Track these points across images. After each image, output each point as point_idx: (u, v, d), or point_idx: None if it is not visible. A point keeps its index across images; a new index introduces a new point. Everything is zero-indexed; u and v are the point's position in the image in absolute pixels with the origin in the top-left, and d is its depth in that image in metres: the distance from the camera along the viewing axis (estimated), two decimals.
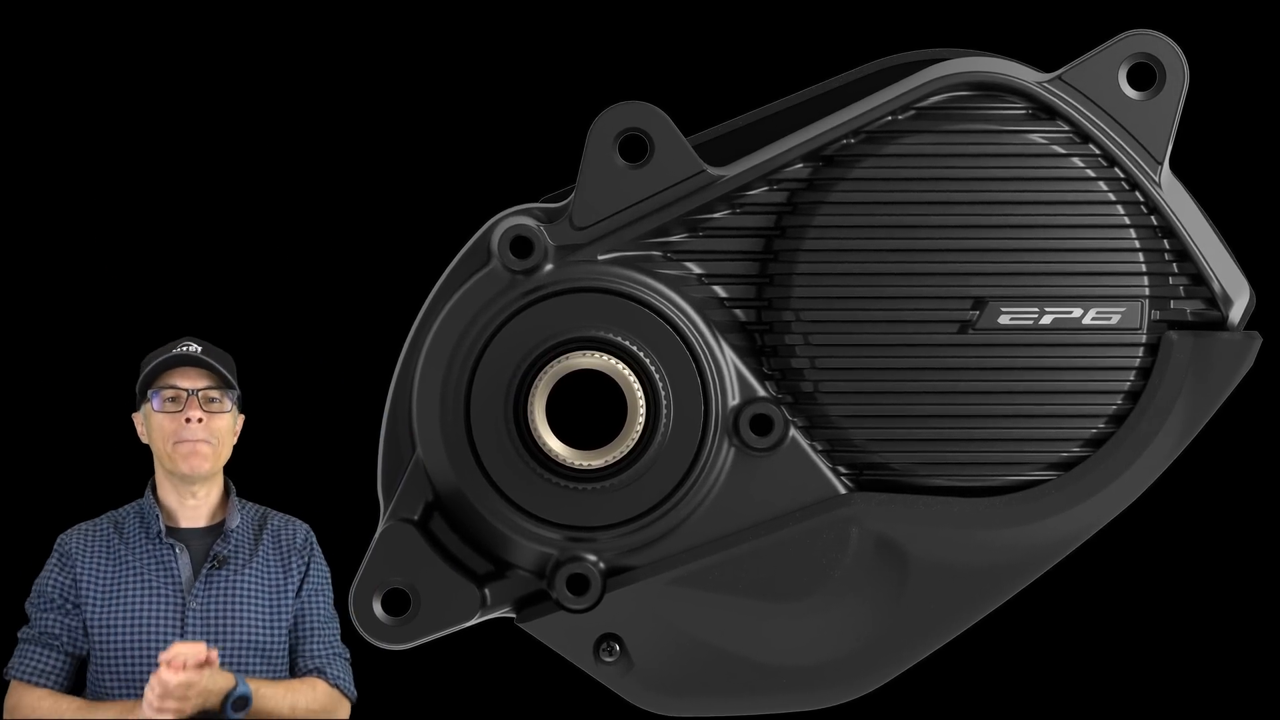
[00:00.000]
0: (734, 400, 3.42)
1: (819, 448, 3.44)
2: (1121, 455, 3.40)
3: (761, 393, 3.43)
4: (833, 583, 3.42)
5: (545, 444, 3.38)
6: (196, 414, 2.97)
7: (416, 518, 3.43)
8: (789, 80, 3.58)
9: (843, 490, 3.43)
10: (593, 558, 3.42)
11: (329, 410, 3.93)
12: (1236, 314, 3.43)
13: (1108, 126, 3.40)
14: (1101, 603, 3.99)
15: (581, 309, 3.39)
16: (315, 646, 3.05)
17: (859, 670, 3.47)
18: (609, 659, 3.44)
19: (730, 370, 3.42)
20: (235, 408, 3.02)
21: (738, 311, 3.44)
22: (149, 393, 3.01)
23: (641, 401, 3.37)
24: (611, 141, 3.39)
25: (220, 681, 2.91)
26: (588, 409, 3.39)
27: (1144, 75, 3.41)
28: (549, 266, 3.41)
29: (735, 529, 3.41)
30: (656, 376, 3.38)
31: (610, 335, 3.39)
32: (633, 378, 3.38)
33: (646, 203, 3.39)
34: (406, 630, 3.25)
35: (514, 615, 3.47)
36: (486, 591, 3.44)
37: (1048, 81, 3.41)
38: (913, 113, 3.40)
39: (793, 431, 3.42)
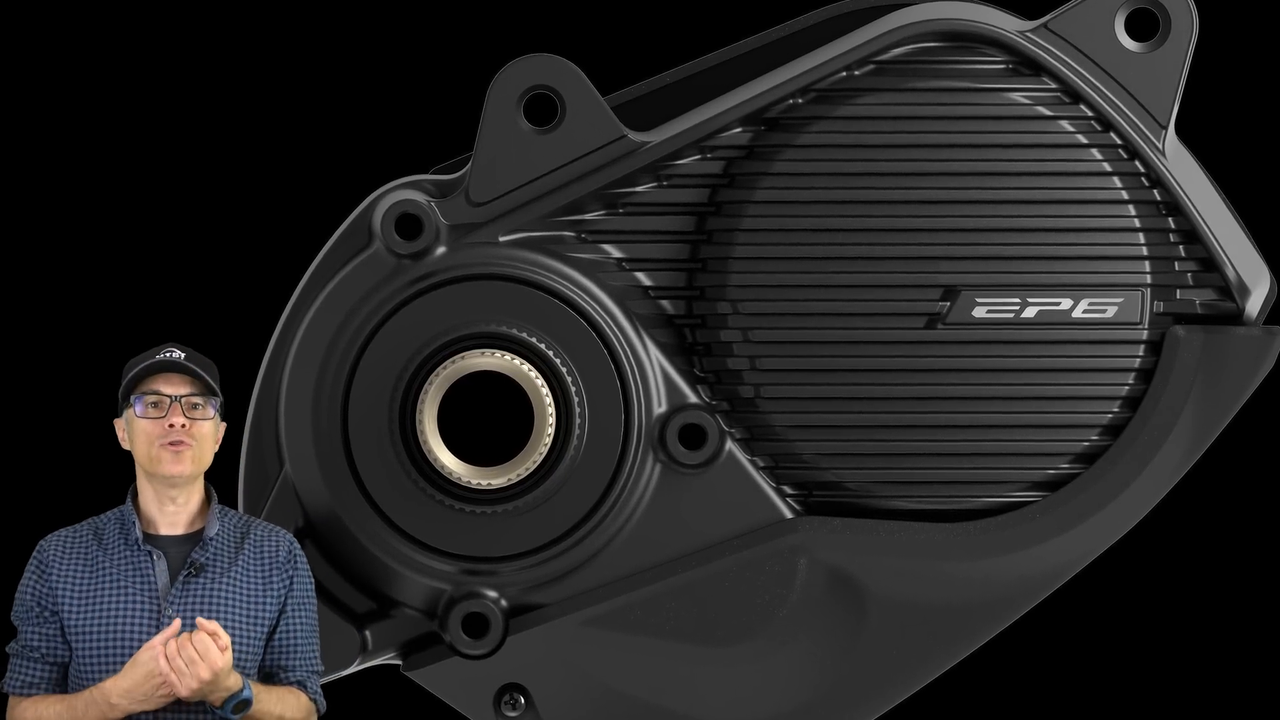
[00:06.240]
0: (660, 408, 3.30)
1: (761, 464, 3.31)
2: (1119, 472, 3.28)
3: (693, 399, 3.31)
4: (778, 623, 3.30)
5: (437, 459, 3.25)
6: (180, 420, 3.15)
7: None
8: (724, 30, 3.50)
9: (789, 514, 3.31)
10: (493, 594, 3.31)
11: None
12: (1254, 305, 3.30)
13: (1102, 84, 3.28)
14: (1095, 635, 3.84)
15: (480, 299, 3.28)
16: (296, 662, 3.15)
17: None
18: (512, 713, 3.33)
19: (656, 372, 3.30)
20: (218, 415, 3.21)
21: (665, 303, 3.32)
22: (131, 398, 3.21)
23: (550, 409, 3.24)
24: (515, 102, 3.30)
25: (231, 679, 3.07)
26: (487, 418, 3.28)
27: (1145, 23, 3.30)
28: (441, 249, 3.30)
29: (662, 560, 3.32)
30: (568, 379, 3.25)
31: (513, 331, 3.26)
32: (540, 381, 3.25)
33: (557, 174, 3.30)
34: None
35: (400, 662, 3.36)
36: (368, 634, 3.34)
37: (1031, 31, 3.29)
38: (871, 68, 3.31)
39: (729, 444, 3.30)
